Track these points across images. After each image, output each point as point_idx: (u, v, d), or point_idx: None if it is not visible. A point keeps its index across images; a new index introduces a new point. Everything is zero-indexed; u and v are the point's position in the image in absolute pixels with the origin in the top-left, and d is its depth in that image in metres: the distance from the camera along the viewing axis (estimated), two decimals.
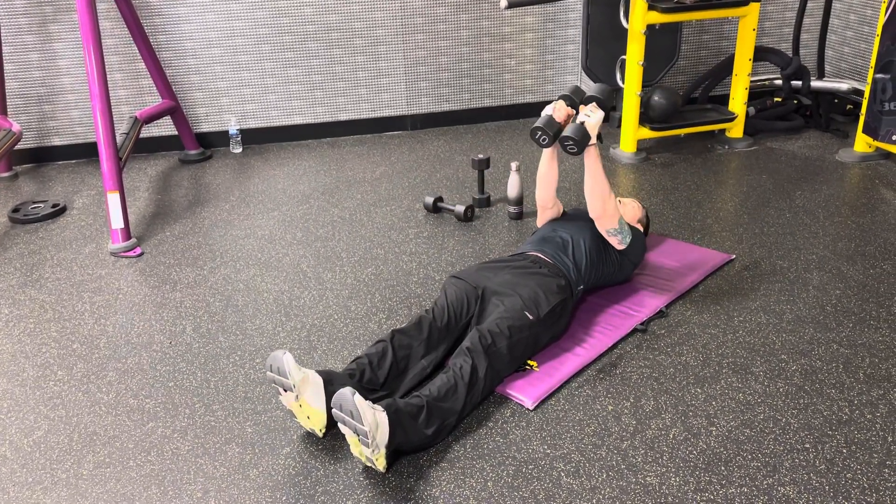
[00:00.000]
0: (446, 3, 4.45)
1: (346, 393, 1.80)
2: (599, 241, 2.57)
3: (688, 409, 2.10)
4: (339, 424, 1.85)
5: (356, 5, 4.36)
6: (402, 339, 2.19)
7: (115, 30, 4.15)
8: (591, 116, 2.37)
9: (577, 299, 2.51)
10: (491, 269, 2.46)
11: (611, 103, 2.48)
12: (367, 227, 3.38)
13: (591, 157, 2.44)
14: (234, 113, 4.50)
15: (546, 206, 2.73)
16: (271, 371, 1.97)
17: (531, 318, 2.24)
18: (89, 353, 2.51)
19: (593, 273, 2.53)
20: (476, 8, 4.50)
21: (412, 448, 1.96)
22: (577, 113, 2.46)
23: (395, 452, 1.94)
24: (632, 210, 2.83)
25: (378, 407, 1.85)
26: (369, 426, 1.77)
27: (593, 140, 2.40)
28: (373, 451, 1.81)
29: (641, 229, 2.84)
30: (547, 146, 2.50)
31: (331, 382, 2.00)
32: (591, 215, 2.51)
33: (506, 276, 2.40)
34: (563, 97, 2.52)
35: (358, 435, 1.80)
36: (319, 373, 2.01)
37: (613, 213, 2.48)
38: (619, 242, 2.54)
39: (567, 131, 2.34)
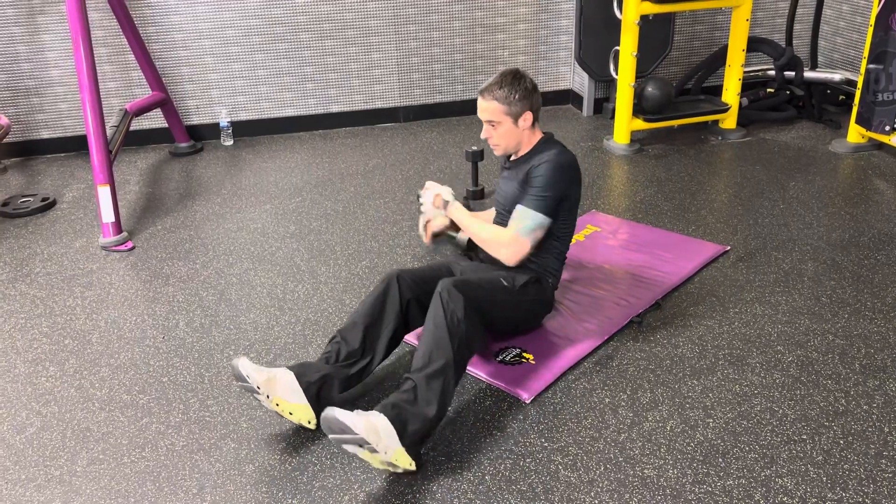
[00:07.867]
0: None
1: (327, 414, 1.73)
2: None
3: (684, 401, 2.10)
4: (344, 447, 1.77)
5: None
6: (371, 302, 2.14)
7: (104, 21, 4.10)
8: None
9: (553, 288, 2.40)
10: (454, 262, 2.45)
11: None
12: (361, 220, 3.36)
13: None
14: (224, 105, 4.46)
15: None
16: (237, 380, 1.94)
17: (506, 284, 2.20)
18: (81, 349, 2.48)
19: (543, 259, 2.36)
20: None
21: (428, 432, 1.90)
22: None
23: (419, 443, 1.89)
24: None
25: (371, 412, 1.79)
26: (365, 432, 1.71)
27: None
28: (386, 453, 1.75)
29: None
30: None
31: (304, 374, 1.98)
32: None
33: (472, 265, 2.39)
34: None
35: (362, 447, 1.73)
36: (291, 368, 2.00)
37: (512, 252, 2.24)
38: (531, 236, 2.25)
39: None
